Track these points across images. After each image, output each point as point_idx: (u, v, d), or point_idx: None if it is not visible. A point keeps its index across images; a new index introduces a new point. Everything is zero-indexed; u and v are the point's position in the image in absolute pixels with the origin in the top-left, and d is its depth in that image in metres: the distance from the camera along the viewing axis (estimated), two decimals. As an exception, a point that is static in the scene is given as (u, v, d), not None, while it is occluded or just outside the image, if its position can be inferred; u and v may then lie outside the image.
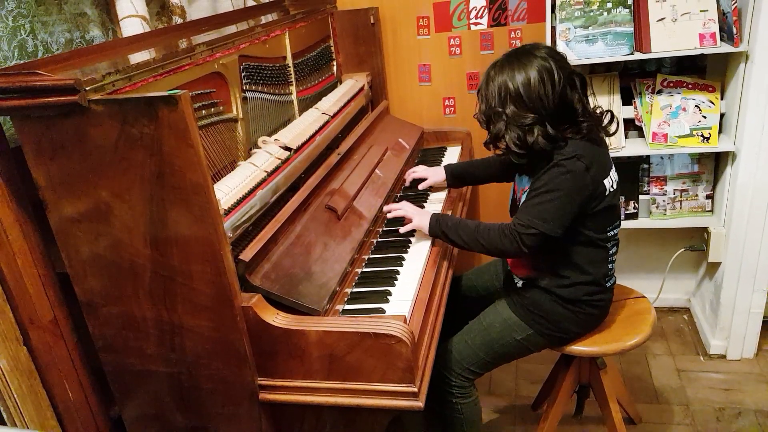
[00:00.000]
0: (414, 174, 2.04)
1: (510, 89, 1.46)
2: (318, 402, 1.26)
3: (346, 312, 1.39)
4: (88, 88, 1.05)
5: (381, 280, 1.50)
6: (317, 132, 1.84)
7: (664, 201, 2.29)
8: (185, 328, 1.24)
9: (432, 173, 2.00)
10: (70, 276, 1.25)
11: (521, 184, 1.61)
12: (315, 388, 1.25)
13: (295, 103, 1.92)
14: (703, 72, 2.19)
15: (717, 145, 2.10)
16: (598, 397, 1.79)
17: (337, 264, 1.48)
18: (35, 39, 1.41)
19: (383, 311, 1.37)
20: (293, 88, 1.90)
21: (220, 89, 1.50)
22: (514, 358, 1.68)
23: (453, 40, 2.38)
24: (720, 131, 2.14)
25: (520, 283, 1.65)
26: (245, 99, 1.60)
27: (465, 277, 1.95)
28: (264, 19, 1.92)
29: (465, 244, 1.58)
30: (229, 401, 1.31)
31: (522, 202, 1.55)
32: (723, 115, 2.14)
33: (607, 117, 1.57)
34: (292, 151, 1.65)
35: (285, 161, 1.61)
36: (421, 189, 1.98)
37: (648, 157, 2.26)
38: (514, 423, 2.10)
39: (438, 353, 1.42)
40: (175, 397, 1.34)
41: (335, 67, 2.32)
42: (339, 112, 2.04)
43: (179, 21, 1.92)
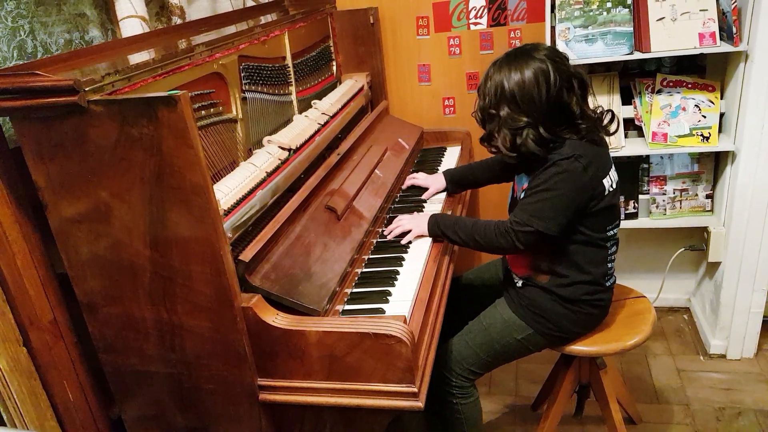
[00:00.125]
0: (414, 181, 2.04)
1: (505, 89, 1.47)
2: (318, 402, 1.26)
3: (346, 312, 1.39)
4: (87, 88, 1.05)
5: (381, 280, 1.50)
6: (317, 132, 1.84)
7: (663, 201, 2.29)
8: (185, 328, 1.24)
9: (432, 181, 1.99)
10: (69, 277, 1.24)
11: (521, 182, 1.62)
12: (315, 388, 1.25)
13: (295, 104, 1.92)
14: (703, 71, 2.19)
15: (717, 145, 2.10)
16: (598, 397, 1.79)
17: (337, 264, 1.48)
18: (35, 40, 1.41)
19: (383, 311, 1.37)
20: (293, 88, 1.90)
21: (219, 90, 1.50)
22: (514, 358, 1.68)
23: (452, 40, 2.38)
24: (720, 131, 2.14)
25: (519, 283, 1.65)
26: (245, 99, 1.60)
27: (465, 277, 1.95)
28: (263, 20, 1.92)
29: (462, 241, 1.59)
30: (229, 402, 1.31)
31: (520, 200, 1.55)
32: (723, 115, 2.14)
33: (608, 116, 1.57)
34: (291, 152, 1.65)
35: (285, 161, 1.61)
36: (424, 198, 1.97)
37: (648, 157, 2.26)
38: (514, 423, 2.10)
39: (438, 353, 1.42)
40: (175, 398, 1.34)
41: (335, 68, 2.32)
42: (339, 112, 2.04)
43: (179, 21, 1.92)
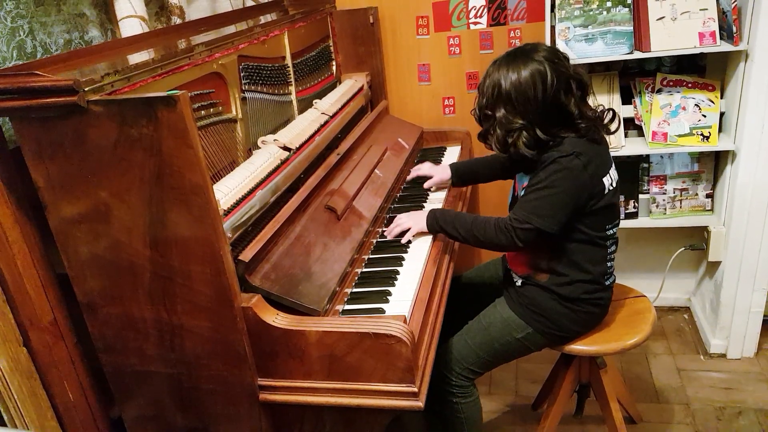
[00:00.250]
0: (419, 171, 2.04)
1: (502, 88, 1.47)
2: (318, 402, 1.26)
3: (346, 312, 1.39)
4: (87, 88, 1.05)
5: (381, 280, 1.50)
6: (317, 132, 1.84)
7: (664, 200, 2.29)
8: (185, 328, 1.24)
9: (437, 171, 2.00)
10: (69, 277, 1.24)
11: (521, 181, 1.62)
12: (315, 388, 1.25)
13: (295, 104, 1.92)
14: (703, 71, 2.19)
15: (717, 144, 2.10)
16: (598, 397, 1.79)
17: (337, 264, 1.48)
18: (34, 40, 1.41)
19: (383, 311, 1.36)
20: (292, 88, 1.90)
21: (219, 89, 1.50)
22: (514, 357, 1.68)
23: (452, 39, 2.38)
24: (720, 130, 2.14)
25: (519, 282, 1.65)
26: (244, 99, 1.60)
27: (465, 277, 1.95)
28: (263, 19, 1.92)
29: (462, 237, 1.60)
30: (229, 402, 1.31)
31: (520, 197, 1.55)
32: (723, 114, 2.14)
33: (609, 115, 1.57)
34: (291, 152, 1.65)
35: (284, 161, 1.61)
36: (427, 187, 1.98)
37: (648, 157, 2.26)
38: (514, 423, 2.10)
39: (438, 353, 1.42)
40: (175, 398, 1.34)
41: (334, 67, 2.31)
42: (338, 112, 2.04)
43: (178, 21, 1.92)
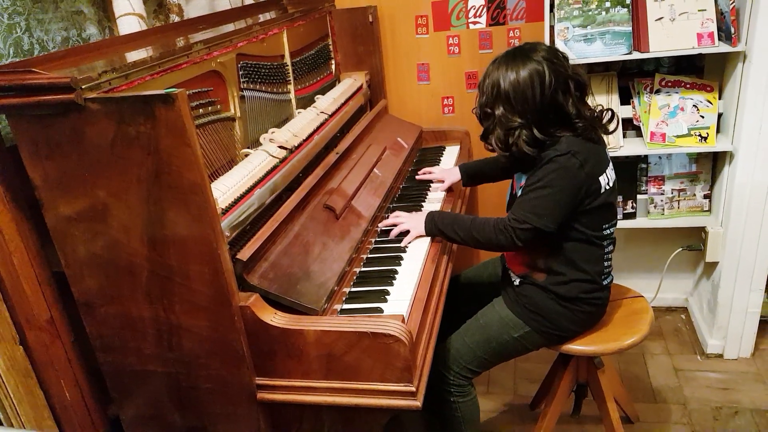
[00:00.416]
0: (430, 176, 2.04)
1: (501, 88, 1.48)
2: (316, 402, 1.25)
3: (344, 311, 1.39)
4: (84, 86, 1.05)
5: (379, 279, 1.50)
6: (315, 131, 1.84)
7: (662, 200, 2.30)
8: (183, 327, 1.23)
9: (448, 174, 2.01)
10: (66, 275, 1.24)
11: (519, 180, 1.62)
12: (313, 387, 1.25)
13: (293, 102, 1.92)
14: (701, 71, 2.19)
15: (715, 145, 2.10)
16: (595, 397, 1.80)
17: (336, 263, 1.48)
18: (31, 37, 1.41)
19: (381, 311, 1.36)
20: (291, 86, 1.90)
21: (217, 88, 1.50)
22: (511, 356, 1.68)
23: (452, 39, 2.38)
24: (718, 131, 2.14)
25: (517, 281, 1.65)
26: (243, 98, 1.60)
27: (463, 276, 1.95)
28: (262, 18, 1.92)
29: (461, 239, 1.60)
30: (228, 401, 1.31)
31: (518, 197, 1.55)
32: (721, 115, 2.15)
33: (608, 115, 1.58)
34: (290, 150, 1.65)
35: (283, 160, 1.60)
36: (441, 190, 1.99)
37: (646, 157, 2.26)
38: (512, 422, 2.10)
39: (436, 352, 1.42)
40: (173, 397, 1.33)
41: (333, 66, 2.31)
42: (337, 111, 2.04)
43: (176, 19, 1.91)
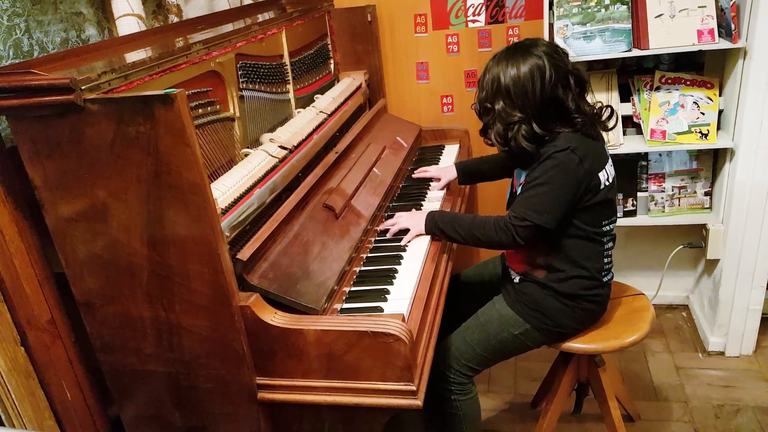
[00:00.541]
0: (426, 174, 2.04)
1: (501, 83, 1.48)
2: (316, 401, 1.25)
3: (344, 311, 1.39)
4: (83, 87, 1.05)
5: (379, 278, 1.50)
6: (315, 130, 1.84)
7: (662, 198, 2.29)
8: (183, 327, 1.23)
9: (444, 173, 2.01)
10: (67, 276, 1.24)
11: (519, 177, 1.62)
12: (313, 387, 1.25)
13: (293, 102, 1.92)
14: (702, 68, 2.19)
15: (715, 142, 2.10)
16: (596, 395, 1.79)
17: (335, 263, 1.48)
18: (30, 38, 1.41)
19: (381, 310, 1.36)
20: (290, 86, 1.90)
21: (216, 88, 1.50)
22: (512, 354, 1.68)
23: (450, 37, 2.38)
24: (718, 128, 2.14)
25: (517, 279, 1.65)
26: (242, 98, 1.60)
27: (464, 275, 1.95)
28: (261, 18, 1.92)
29: (462, 238, 1.59)
30: (228, 401, 1.31)
31: (518, 194, 1.55)
32: (721, 112, 2.14)
33: (607, 112, 1.58)
34: (289, 150, 1.65)
35: (282, 160, 1.60)
36: (437, 189, 1.99)
37: (646, 154, 2.26)
38: (513, 421, 2.10)
39: (436, 351, 1.42)
40: (174, 397, 1.33)
41: (332, 66, 2.31)
42: (336, 110, 2.04)
43: (175, 19, 1.91)
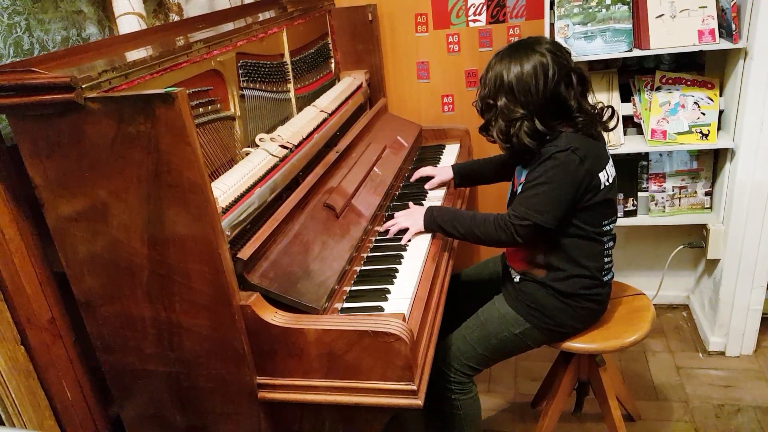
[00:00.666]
0: (421, 173, 2.04)
1: (504, 80, 1.48)
2: (317, 401, 1.25)
3: (344, 310, 1.39)
4: (84, 85, 1.05)
5: (380, 278, 1.50)
6: (315, 130, 1.83)
7: (663, 198, 2.29)
8: (183, 327, 1.23)
9: (439, 172, 2.00)
10: (67, 275, 1.24)
11: (519, 176, 1.62)
12: (314, 386, 1.25)
13: (293, 101, 1.92)
14: (702, 68, 2.19)
15: (716, 142, 2.10)
16: (597, 395, 1.79)
17: (336, 262, 1.48)
18: (31, 36, 1.40)
19: (382, 309, 1.36)
20: (291, 85, 1.89)
21: (217, 87, 1.50)
22: (512, 353, 1.68)
23: (451, 37, 2.38)
24: (719, 128, 2.14)
25: (517, 278, 1.65)
26: (243, 97, 1.60)
27: (464, 274, 1.95)
28: (261, 17, 1.91)
29: (461, 235, 1.60)
30: (228, 400, 1.31)
31: (518, 193, 1.55)
32: (722, 112, 2.14)
33: (608, 112, 1.58)
34: (290, 149, 1.65)
35: (283, 159, 1.60)
36: (428, 187, 1.97)
37: (647, 154, 2.26)
38: (513, 420, 2.10)
39: (437, 350, 1.42)
40: (174, 397, 1.33)
41: (333, 65, 2.31)
42: (337, 109, 2.03)
43: (176, 18, 1.91)
